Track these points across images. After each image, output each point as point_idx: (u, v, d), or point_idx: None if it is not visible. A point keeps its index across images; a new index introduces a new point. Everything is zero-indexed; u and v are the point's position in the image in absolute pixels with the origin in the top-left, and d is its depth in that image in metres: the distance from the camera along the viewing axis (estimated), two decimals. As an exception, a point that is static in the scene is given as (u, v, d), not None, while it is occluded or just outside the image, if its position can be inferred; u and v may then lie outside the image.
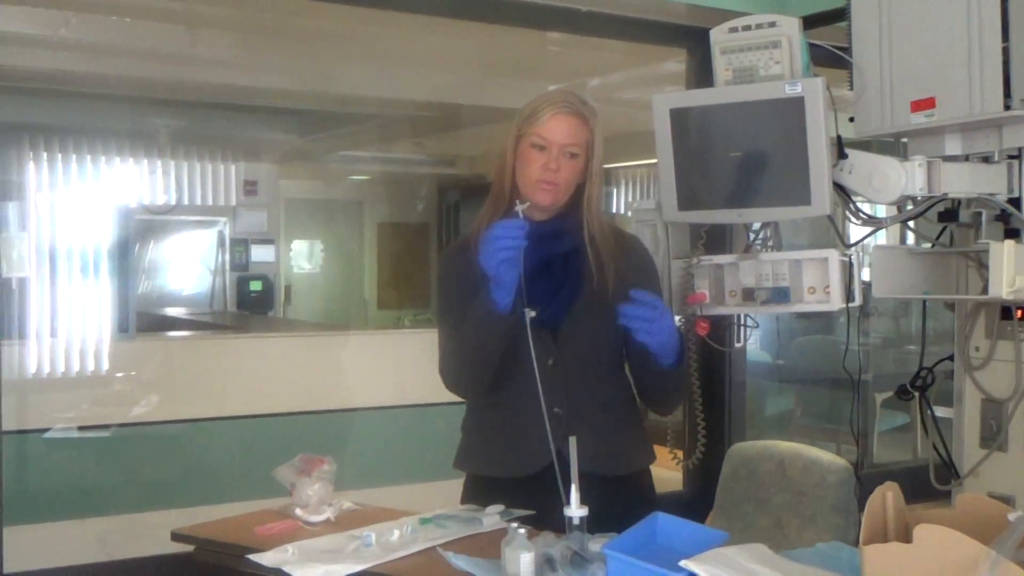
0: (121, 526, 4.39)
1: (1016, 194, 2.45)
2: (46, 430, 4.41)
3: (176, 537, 2.19)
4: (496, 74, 6.50)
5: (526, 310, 2.18)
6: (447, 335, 2.35)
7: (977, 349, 2.90)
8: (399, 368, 5.06)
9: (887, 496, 1.76)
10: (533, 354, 2.17)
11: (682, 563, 1.75)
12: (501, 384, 2.28)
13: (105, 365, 4.71)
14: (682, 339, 2.24)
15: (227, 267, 9.27)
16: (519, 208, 2.18)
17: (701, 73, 4.35)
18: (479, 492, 2.34)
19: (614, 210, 9.12)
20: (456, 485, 2.46)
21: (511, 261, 2.12)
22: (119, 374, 4.69)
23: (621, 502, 2.23)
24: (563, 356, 2.28)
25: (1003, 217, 2.50)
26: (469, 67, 6.44)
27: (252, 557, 2.00)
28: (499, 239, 2.10)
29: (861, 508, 2.02)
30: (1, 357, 3.74)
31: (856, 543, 1.83)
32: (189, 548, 2.19)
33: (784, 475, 2.96)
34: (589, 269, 2.30)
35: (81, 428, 4.45)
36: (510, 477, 2.30)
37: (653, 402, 2.36)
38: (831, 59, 2.59)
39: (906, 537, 1.62)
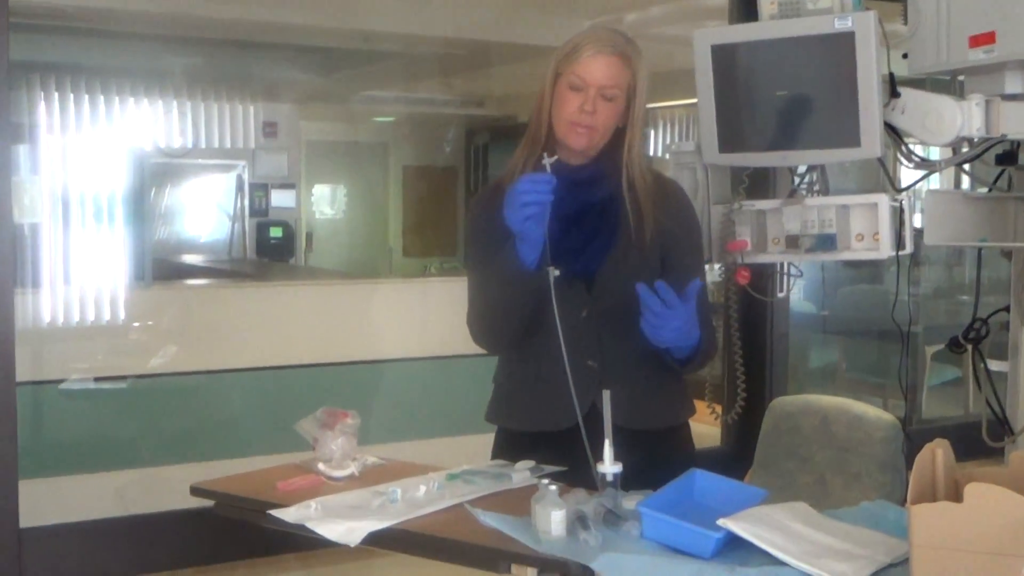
0: (139, 480, 4.46)
1: (1080, 135, 2.41)
2: (61, 381, 4.46)
3: (195, 491, 2.22)
4: (528, 9, 6.44)
5: (550, 268, 2.17)
6: (475, 287, 2.35)
7: (1035, 300, 2.87)
8: (425, 318, 5.08)
9: (936, 453, 1.76)
10: (556, 313, 2.16)
11: (720, 521, 1.76)
12: (533, 336, 2.29)
13: (121, 314, 4.75)
14: (699, 343, 2.21)
15: (246, 213, 9.31)
16: (547, 162, 2.17)
17: (745, 7, 4.29)
18: (511, 447, 2.36)
19: (652, 152, 9.06)
20: (485, 440, 2.48)
21: (537, 217, 2.11)
22: (135, 324, 4.74)
23: (658, 458, 2.23)
24: (597, 307, 2.28)
25: (1065, 160, 2.46)
26: (499, 2, 6.39)
27: (274, 513, 2.03)
28: (524, 194, 2.09)
29: (909, 466, 2.01)
30: (15, 306, 3.78)
31: (903, 502, 1.83)
32: (209, 503, 2.22)
33: (828, 431, 2.96)
34: (626, 217, 2.29)
35: (97, 379, 4.50)
36: (542, 432, 2.31)
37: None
38: (884, -9, 2.55)
39: (956, 496, 1.62)
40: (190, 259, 8.75)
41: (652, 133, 9.13)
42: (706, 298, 2.38)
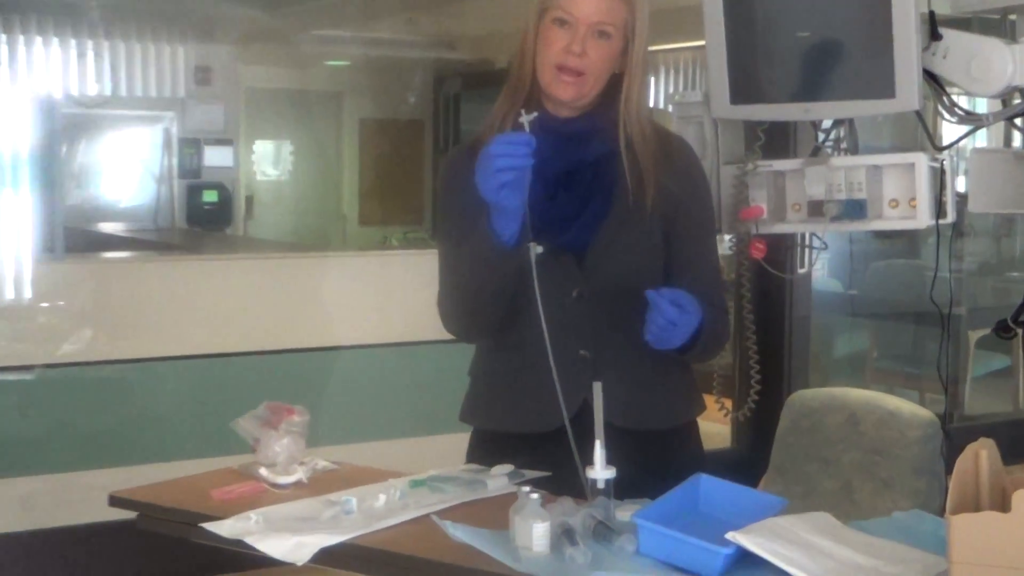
0: (48, 488, 4.44)
1: None
2: (-45, 372, 4.44)
3: (115, 501, 2.21)
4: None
5: (531, 245, 2.16)
6: (446, 264, 2.35)
7: (1096, 277, 2.89)
8: (386, 298, 5.07)
9: (980, 455, 1.77)
10: (539, 295, 2.16)
11: (729, 535, 1.77)
12: (515, 321, 2.28)
13: (27, 293, 4.72)
14: (701, 325, 2.21)
15: (175, 174, 9.26)
16: (525, 119, 2.15)
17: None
18: (489, 450, 2.36)
19: (652, 103, 9.06)
20: (457, 441, 2.48)
21: (513, 185, 2.10)
22: (44, 304, 4.71)
23: (660, 462, 2.25)
24: (590, 286, 2.28)
25: None
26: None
27: (207, 526, 2.03)
28: (498, 158, 2.08)
29: (949, 470, 2.02)
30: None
31: (941, 512, 1.84)
32: (131, 515, 2.21)
33: (855, 430, 2.97)
34: (624, 179, 2.29)
35: (-2, 369, 4.47)
36: (527, 433, 2.31)
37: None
38: (923, -85, 2.55)
39: (1003, 506, 1.63)
40: (108, 228, 8.70)
41: (652, 80, 9.12)
42: (718, 274, 2.39)
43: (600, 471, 1.98)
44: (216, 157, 9.32)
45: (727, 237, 2.71)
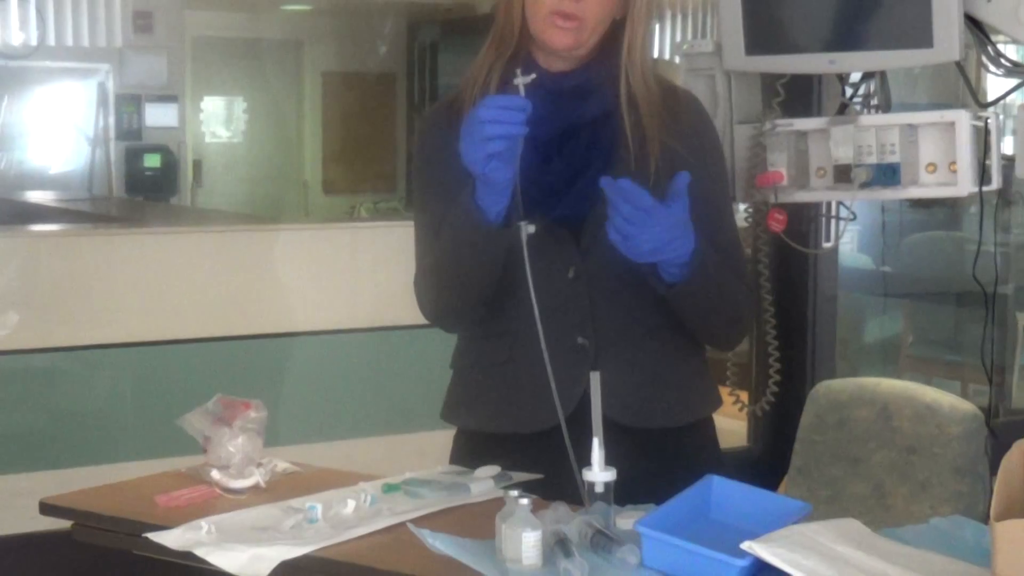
0: (-30, 494, 4.44)
1: None
2: None
3: (47, 509, 2.21)
4: None
5: (522, 224, 2.16)
6: (423, 240, 2.34)
7: None
8: (354, 276, 5.07)
9: (1030, 454, 1.78)
10: (531, 279, 2.16)
11: (744, 545, 1.78)
12: (504, 306, 2.28)
13: (-57, 272, 4.71)
14: (693, 256, 2.18)
15: (111, 135, 9.23)
16: (520, 81, 2.15)
17: None
18: (476, 452, 2.36)
19: (656, 53, 9.05)
20: (436, 439, 2.49)
21: (504, 156, 2.09)
22: (-37, 284, 4.70)
23: (668, 464, 2.25)
24: (588, 265, 2.28)
25: None
26: None
27: (152, 537, 2.03)
28: (489, 124, 2.07)
29: (993, 471, 2.03)
30: None
31: (985, 518, 1.85)
32: (65, 524, 2.21)
33: (888, 425, 2.99)
34: (625, 142, 2.29)
35: (-89, 359, 4.47)
36: (518, 433, 2.32)
37: (697, 333, 2.36)
38: None
39: (1055, 510, 1.64)
40: (36, 197, 8.68)
41: (657, 27, 9.11)
42: (738, 244, 2.39)
43: (599, 473, 1.99)
44: (159, 116, 9.29)
45: (742, 207, 2.72)
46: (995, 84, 2.67)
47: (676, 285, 2.20)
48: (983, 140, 2.48)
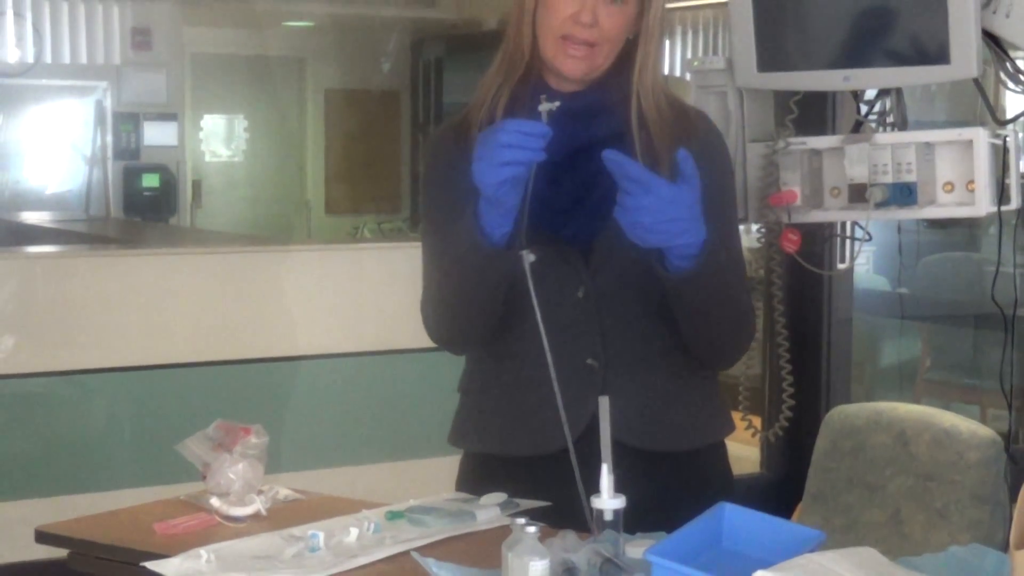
0: (-36, 522, 4.44)
1: None
2: None
3: (42, 537, 2.22)
4: None
5: (523, 253, 2.17)
6: (431, 261, 2.35)
7: None
8: (357, 298, 5.07)
9: (1051, 481, 1.77)
10: (535, 301, 2.17)
11: (758, 574, 1.78)
12: (512, 327, 2.29)
13: (-63, 294, 4.72)
14: (705, 247, 2.16)
15: (109, 154, 9.25)
16: (545, 108, 2.15)
17: None
18: (485, 477, 2.36)
19: (667, 69, 9.07)
20: (443, 466, 2.49)
21: (517, 181, 2.11)
22: (-43, 307, 4.71)
23: (679, 490, 2.26)
24: (598, 285, 2.29)
25: None
26: None
27: (150, 566, 2.03)
28: (508, 148, 2.08)
29: (1014, 498, 2.03)
30: None
31: (1005, 547, 1.85)
32: (62, 553, 2.21)
33: (905, 451, 2.98)
34: (636, 160, 2.29)
35: (-96, 383, 4.47)
36: (527, 456, 2.32)
37: (692, 343, 2.34)
38: None
39: (1077, 538, 1.64)
40: (32, 217, 8.69)
41: (667, 43, 9.13)
42: (742, 266, 2.39)
43: (608, 500, 1.99)
44: (158, 134, 9.31)
45: (754, 227, 2.72)
46: (1014, 101, 2.68)
47: (683, 276, 2.17)
48: (1001, 158, 2.48)
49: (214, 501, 2.28)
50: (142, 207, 9.17)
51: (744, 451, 4.79)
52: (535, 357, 2.23)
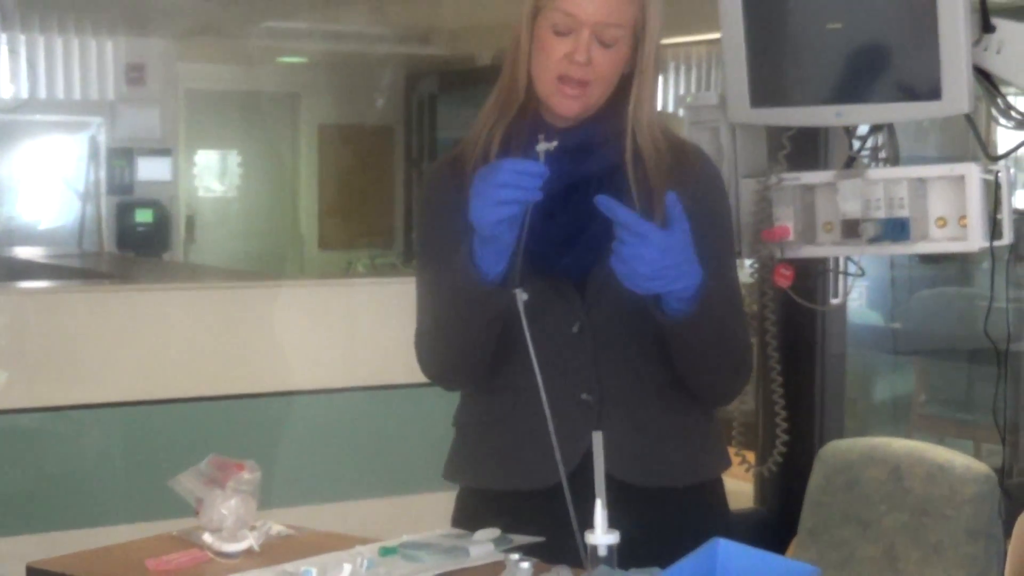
0: (-44, 558, 4.42)
1: None
2: None
3: (34, 573, 2.21)
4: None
5: (517, 291, 2.16)
6: (425, 296, 2.35)
7: None
8: (351, 333, 5.07)
9: (1045, 516, 1.78)
10: (528, 337, 2.16)
11: (753, 610, 1.77)
12: (508, 361, 2.29)
13: (-70, 329, 4.72)
14: (699, 289, 2.16)
15: (103, 189, 9.25)
16: (543, 148, 2.15)
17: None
18: (479, 511, 2.36)
19: (660, 105, 9.09)
20: (437, 501, 2.48)
21: (513, 220, 2.11)
22: (-50, 342, 4.70)
23: (674, 526, 2.25)
24: (593, 320, 2.29)
25: None
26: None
27: (143, 602, 2.03)
28: (505, 188, 2.08)
29: (1008, 532, 2.03)
30: None
31: (1000, 582, 1.85)
32: (53, 589, 2.21)
33: (899, 486, 2.98)
34: (631, 196, 2.30)
35: None
36: (521, 491, 2.32)
37: (691, 382, 2.34)
38: None
39: (1071, 574, 1.64)
40: (25, 253, 8.69)
41: (661, 80, 9.16)
42: (739, 302, 2.38)
43: (601, 535, 1.98)
44: (151, 170, 9.32)
45: (748, 262, 2.72)
46: (1005, 137, 2.68)
47: (680, 319, 2.18)
48: (994, 194, 2.49)
49: (207, 537, 2.28)
50: (136, 242, 9.17)
51: (738, 486, 4.77)
52: (530, 392, 2.22)
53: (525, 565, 1.88)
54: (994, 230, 2.48)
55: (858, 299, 6.08)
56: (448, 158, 2.41)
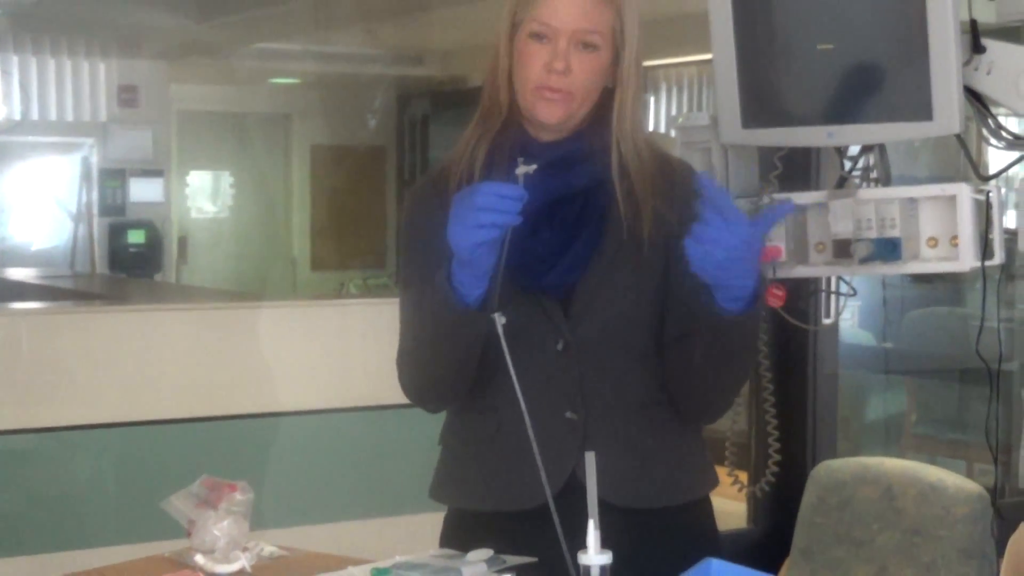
0: (-53, 580, 4.41)
1: None
2: None
3: (26, 595, 2.21)
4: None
5: (496, 316, 2.15)
6: (407, 317, 2.35)
7: None
8: (343, 354, 5.06)
9: (1038, 535, 1.78)
10: (509, 362, 2.15)
11: (746, 630, 1.77)
12: (492, 379, 2.29)
13: (-79, 351, 4.70)
14: (757, 291, 2.16)
15: (95, 210, 9.25)
16: (522, 171, 2.15)
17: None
18: (468, 532, 2.35)
19: (652, 125, 9.12)
20: (428, 521, 2.47)
21: (492, 243, 2.11)
22: (-59, 364, 4.69)
23: (664, 546, 2.25)
24: (578, 337, 2.29)
25: None
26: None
27: (134, 623, 2.02)
28: (483, 212, 2.08)
29: (1001, 552, 2.03)
30: None
31: (993, 602, 1.85)
32: (45, 611, 2.21)
33: (892, 506, 2.98)
34: (617, 211, 2.30)
35: None
36: (507, 511, 2.31)
37: (689, 396, 2.33)
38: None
39: (1064, 593, 1.64)
40: (17, 274, 8.67)
41: (651, 100, 9.18)
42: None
43: (593, 556, 1.98)
44: (143, 191, 9.32)
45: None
46: (996, 157, 2.69)
47: (729, 317, 2.16)
48: (985, 214, 2.49)
49: (199, 558, 2.27)
50: (128, 263, 9.17)
51: (731, 506, 4.77)
52: (514, 411, 2.20)
53: (518, 586, 1.88)
54: (985, 250, 2.48)
55: (850, 319, 6.09)
56: (431, 176, 2.41)
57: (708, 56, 2.58)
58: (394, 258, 10.56)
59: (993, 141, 2.57)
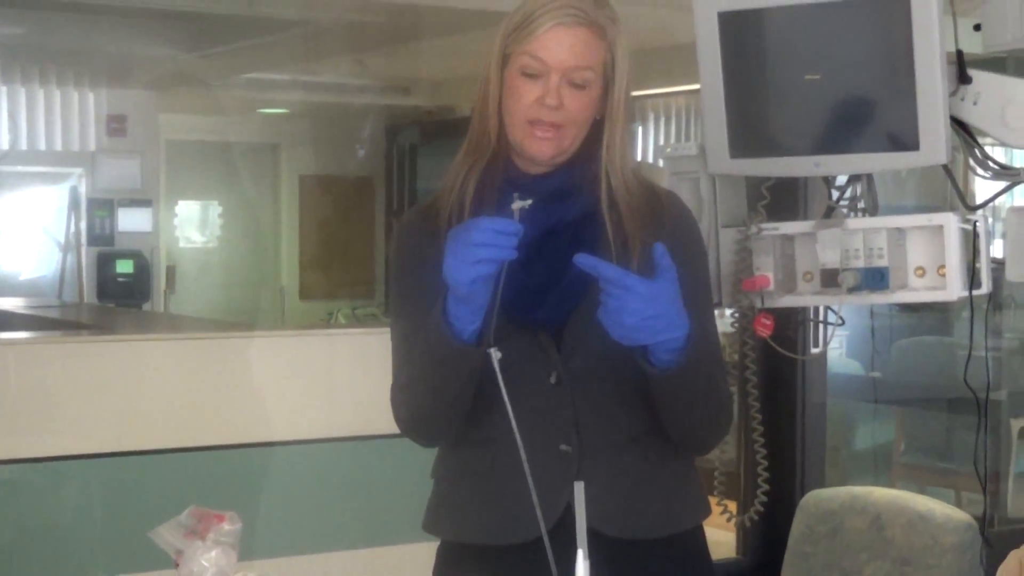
0: (-68, 612, 4.39)
1: None
2: None
3: (13, 627, 2.20)
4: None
5: (491, 351, 2.15)
6: (400, 350, 2.35)
7: None
8: (332, 384, 5.06)
9: (1026, 564, 1.78)
10: (505, 395, 2.14)
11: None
12: (486, 412, 2.28)
13: (-92, 381, 4.69)
14: (688, 339, 2.16)
15: (83, 240, 9.24)
16: (517, 206, 2.14)
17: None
18: (460, 565, 2.35)
19: (640, 155, 9.13)
20: (419, 552, 2.47)
21: (489, 278, 2.11)
22: (-73, 394, 4.68)
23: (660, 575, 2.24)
24: (570, 369, 2.28)
25: None
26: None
27: (122, 655, 2.01)
28: (480, 247, 2.08)
29: (990, 582, 2.02)
30: None
31: (982, 631, 1.85)
32: (31, 643, 2.19)
33: (881, 535, 2.97)
34: (607, 242, 2.30)
35: None
36: (502, 545, 2.31)
37: (673, 432, 2.34)
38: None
39: (1053, 622, 1.64)
40: (5, 304, 8.66)
41: (639, 130, 9.20)
42: (718, 351, 2.38)
43: (584, 585, 1.97)
44: (132, 221, 9.32)
45: (728, 311, 2.73)
46: (983, 187, 2.70)
47: (669, 370, 2.17)
48: (972, 243, 2.50)
49: (187, 589, 2.26)
50: (116, 293, 9.16)
51: (720, 536, 4.76)
52: (508, 444, 2.20)
53: (508, 616, 1.87)
54: (973, 279, 2.49)
55: (838, 348, 6.09)
56: (421, 208, 2.40)
57: (696, 86, 2.59)
58: (383, 288, 10.56)
59: (980, 171, 2.58)
